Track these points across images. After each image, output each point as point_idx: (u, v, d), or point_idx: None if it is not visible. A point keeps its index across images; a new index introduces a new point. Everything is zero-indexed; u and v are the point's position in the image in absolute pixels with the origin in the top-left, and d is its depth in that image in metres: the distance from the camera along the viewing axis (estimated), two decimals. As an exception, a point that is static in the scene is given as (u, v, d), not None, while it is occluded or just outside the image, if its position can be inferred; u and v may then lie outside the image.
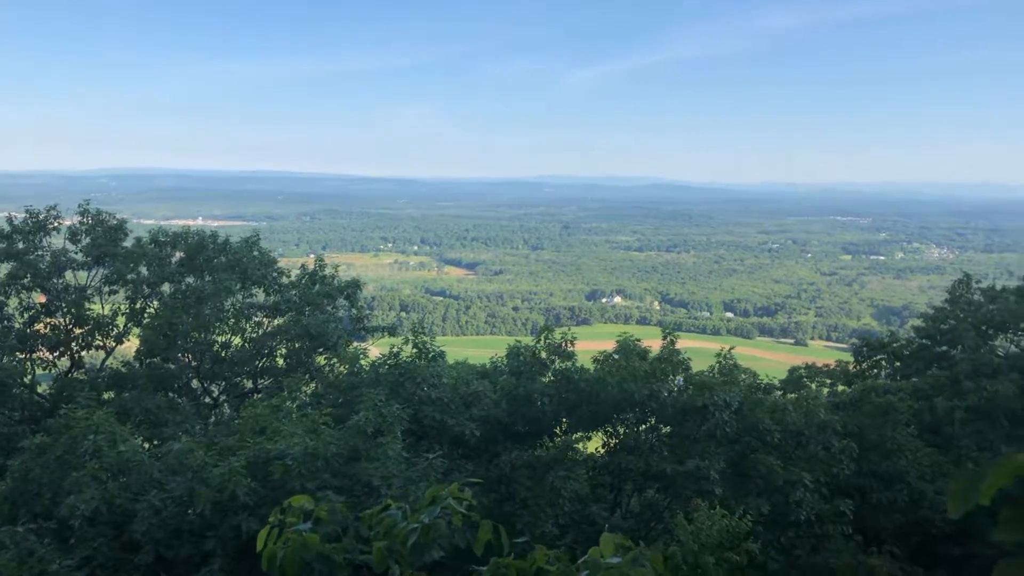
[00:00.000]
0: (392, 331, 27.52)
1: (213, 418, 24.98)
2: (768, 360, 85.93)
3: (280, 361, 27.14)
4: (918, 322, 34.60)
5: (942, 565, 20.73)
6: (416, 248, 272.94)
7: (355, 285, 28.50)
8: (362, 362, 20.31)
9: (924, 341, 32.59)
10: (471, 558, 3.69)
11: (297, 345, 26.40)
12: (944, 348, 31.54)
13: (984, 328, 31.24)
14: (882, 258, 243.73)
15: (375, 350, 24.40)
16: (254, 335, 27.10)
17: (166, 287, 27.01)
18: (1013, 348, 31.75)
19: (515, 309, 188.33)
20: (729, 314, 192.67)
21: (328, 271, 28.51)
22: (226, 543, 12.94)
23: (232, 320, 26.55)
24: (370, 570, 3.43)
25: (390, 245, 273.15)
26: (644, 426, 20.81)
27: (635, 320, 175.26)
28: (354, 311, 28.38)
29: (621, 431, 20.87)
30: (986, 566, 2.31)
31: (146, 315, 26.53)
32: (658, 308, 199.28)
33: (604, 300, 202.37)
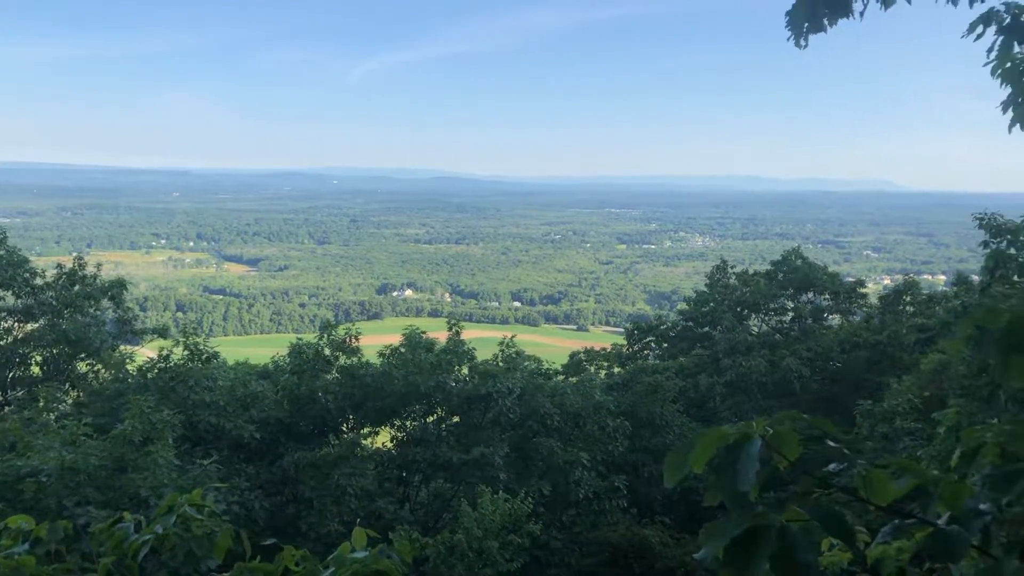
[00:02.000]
0: (163, 333, 25.89)
1: (-46, 437, 22.46)
2: (553, 346, 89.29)
3: (35, 369, 24.85)
4: (683, 306, 37.33)
5: (707, 529, 22.43)
6: (192, 244, 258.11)
7: (120, 285, 26.56)
8: (128, 367, 19.04)
9: (688, 323, 35.21)
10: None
11: (55, 351, 24.28)
12: (706, 329, 34.22)
13: (739, 309, 34.21)
14: (653, 247, 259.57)
15: (148, 353, 22.94)
16: (3, 342, 24.60)
17: None
18: (763, 326, 35.02)
19: (302, 306, 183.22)
20: (516, 303, 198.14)
21: (90, 270, 26.40)
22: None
23: (-25, 327, 23.97)
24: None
25: (163, 241, 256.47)
26: (431, 417, 21.02)
27: (427, 312, 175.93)
28: (120, 313, 26.47)
29: (409, 424, 20.96)
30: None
31: None
32: (449, 300, 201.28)
33: (395, 294, 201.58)
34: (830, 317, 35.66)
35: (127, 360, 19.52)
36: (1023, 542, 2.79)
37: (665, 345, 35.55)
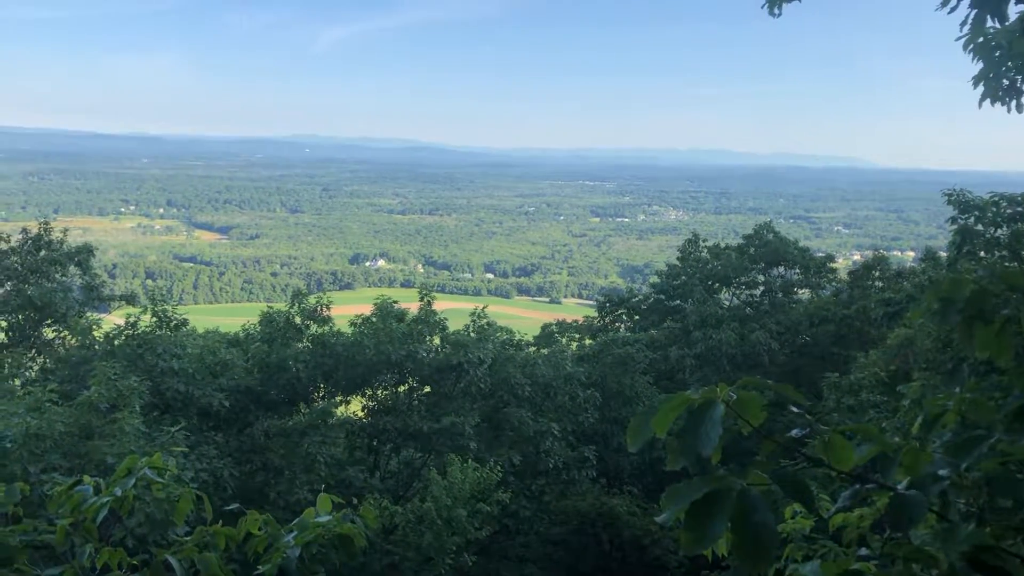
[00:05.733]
0: (131, 300, 25.68)
1: (-83, 403, 22.14)
2: (525, 318, 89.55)
3: (0, 335, 24.50)
4: (655, 279, 37.51)
5: (674, 499, 22.74)
6: (162, 211, 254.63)
7: (87, 251, 26.22)
8: (95, 334, 18.79)
9: (659, 296, 35.40)
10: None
11: (20, 317, 23.95)
12: (677, 302, 34.43)
13: (710, 283, 34.44)
14: (626, 220, 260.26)
15: (116, 320, 22.67)
16: (-34, 308, 24.22)
17: None
18: (734, 300, 35.30)
19: (274, 275, 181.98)
20: (489, 275, 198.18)
21: (56, 235, 25.98)
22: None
23: (-62, 292, 23.56)
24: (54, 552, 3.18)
25: (132, 208, 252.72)
26: (403, 387, 21.02)
27: (399, 283, 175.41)
28: (87, 279, 26.12)
29: (380, 393, 20.95)
30: None
31: None
32: (422, 271, 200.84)
33: (368, 264, 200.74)
34: (800, 291, 36.02)
35: (94, 327, 19.23)
36: (980, 507, 2.84)
37: (637, 318, 35.75)
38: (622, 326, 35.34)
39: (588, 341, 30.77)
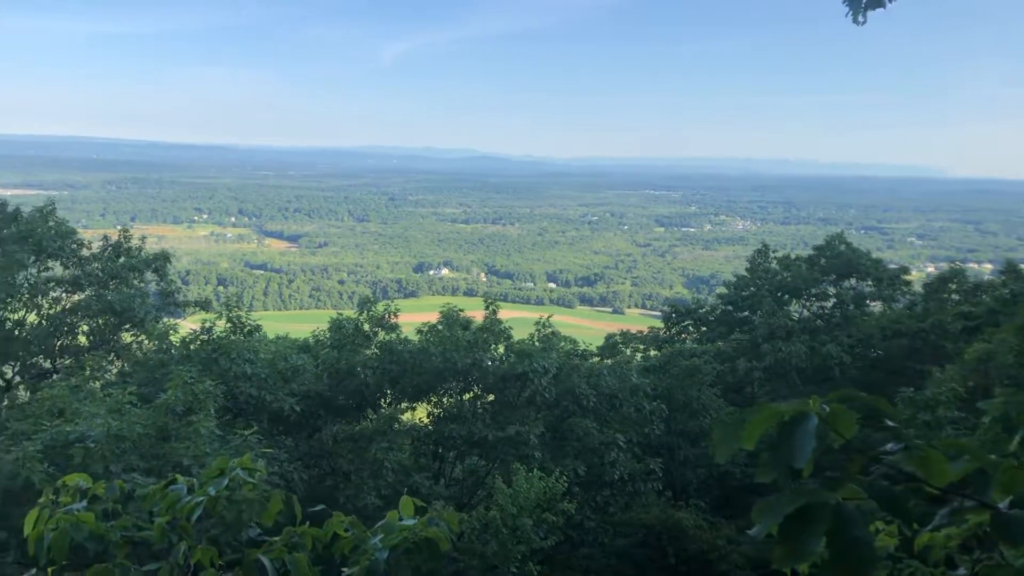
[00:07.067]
0: (205, 305, 26.36)
1: (5, 401, 23.11)
2: (588, 328, 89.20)
3: (82, 339, 25.41)
4: (723, 290, 36.98)
5: (742, 514, 22.38)
6: (234, 219, 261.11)
7: (164, 257, 27.05)
8: (172, 338, 19.34)
9: (727, 307, 34.89)
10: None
11: (100, 322, 24.80)
12: (745, 313, 33.89)
13: (780, 294, 33.82)
14: (692, 230, 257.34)
15: (188, 325, 23.30)
16: (52, 311, 25.17)
17: (-53, 261, 24.52)
18: (804, 312, 34.60)
19: (340, 282, 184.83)
20: (552, 284, 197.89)
21: (135, 242, 26.87)
22: (20, 533, 12.01)
23: (26, 296, 24.51)
24: (152, 549, 3.28)
25: (206, 216, 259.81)
26: (468, 395, 21.11)
27: (462, 291, 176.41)
28: (164, 285, 26.92)
29: (445, 400, 21.07)
30: None
31: (-77, 291, 24.00)
32: (484, 280, 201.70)
33: (431, 272, 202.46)
34: (872, 304, 35.12)
35: (170, 332, 19.81)
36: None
37: (703, 329, 35.29)
38: (688, 337, 34.92)
39: (653, 352, 30.49)
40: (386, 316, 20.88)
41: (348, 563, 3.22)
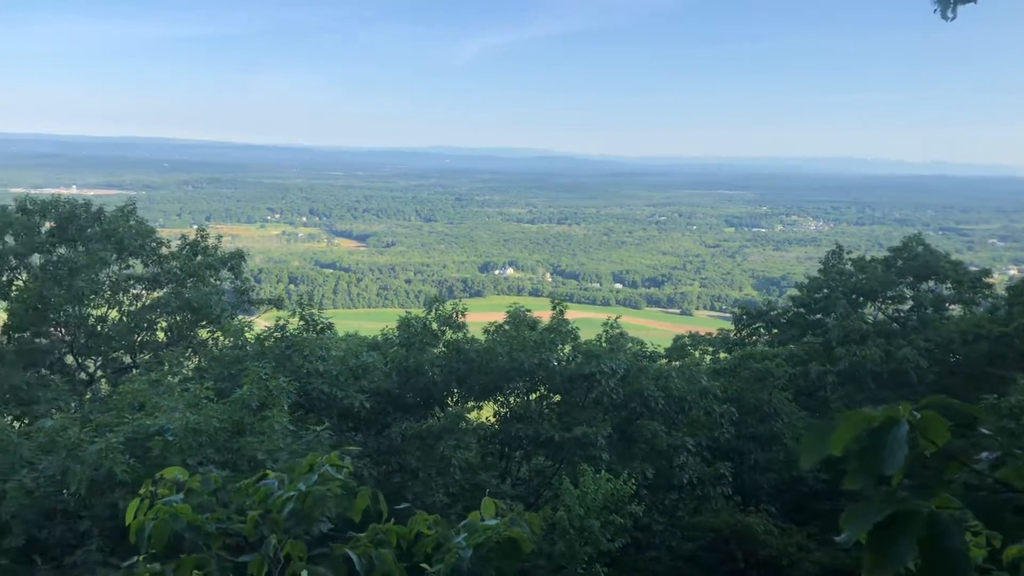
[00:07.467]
0: (278, 303, 26.96)
1: (89, 395, 23.99)
2: (655, 329, 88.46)
3: (160, 335, 26.25)
4: (794, 291, 36.25)
5: (814, 520, 21.94)
6: (305, 219, 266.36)
7: (239, 256, 27.75)
8: (247, 335, 19.82)
9: (799, 309, 34.19)
10: (354, 529, 3.68)
11: (178, 318, 25.56)
12: (818, 316, 33.17)
13: (854, 296, 33.01)
14: (763, 230, 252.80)
15: (261, 323, 23.86)
16: (132, 308, 26.07)
17: (35, 258, 25.59)
18: (880, 315, 33.70)
19: (407, 281, 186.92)
20: (618, 285, 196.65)
21: (211, 242, 27.64)
22: (103, 522, 12.48)
23: (108, 292, 25.45)
24: (247, 540, 3.39)
25: (278, 216, 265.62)
26: (534, 395, 21.14)
27: (527, 291, 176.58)
28: (239, 283, 27.62)
29: (511, 400, 21.14)
30: None
31: (14, 288, 25.09)
32: (550, 280, 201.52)
33: (497, 272, 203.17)
34: (951, 307, 34.00)
35: (245, 328, 20.31)
36: None
37: (775, 331, 34.63)
38: (759, 340, 34.32)
39: (723, 355, 30.05)
40: (454, 315, 21.04)
41: (431, 561, 3.27)
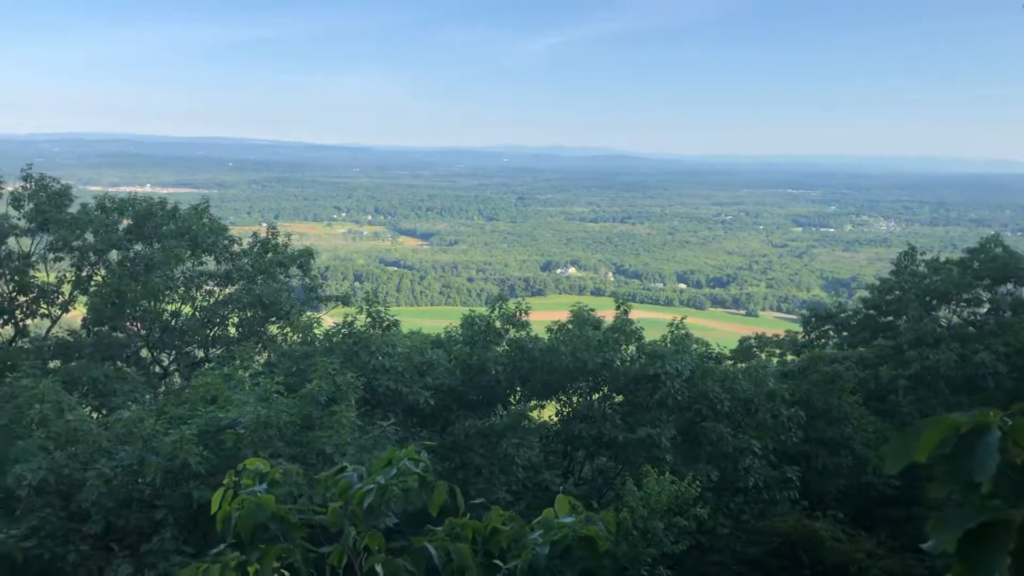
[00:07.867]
0: (346, 300, 27.38)
1: (163, 387, 24.66)
2: (720, 330, 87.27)
3: (232, 330, 26.85)
4: (865, 293, 35.40)
5: (883, 527, 21.41)
6: (370, 218, 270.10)
7: (308, 254, 28.26)
8: (315, 331, 20.19)
9: (870, 311, 33.38)
10: (425, 523, 3.73)
11: (249, 314, 26.12)
12: (889, 318, 32.34)
13: (927, 299, 32.08)
14: (832, 230, 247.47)
15: (329, 319, 24.27)
16: (205, 304, 26.74)
17: (113, 254, 26.46)
18: (955, 318, 32.69)
19: (470, 280, 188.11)
20: (682, 285, 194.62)
21: (280, 239, 28.20)
22: (177, 512, 12.84)
23: (182, 288, 26.15)
24: (325, 531, 3.47)
25: (343, 214, 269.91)
26: (597, 395, 21.05)
27: (589, 291, 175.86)
28: (307, 280, 28.13)
29: (574, 399, 21.09)
30: (923, 526, 2.42)
31: (93, 283, 25.99)
32: (612, 279, 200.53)
33: (559, 271, 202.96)
34: (1032, 311, 32.79)
35: (314, 324, 20.69)
36: None
37: (844, 334, 33.88)
38: (828, 342, 33.62)
39: (791, 357, 29.54)
40: (518, 313, 21.09)
41: (506, 557, 3.30)
